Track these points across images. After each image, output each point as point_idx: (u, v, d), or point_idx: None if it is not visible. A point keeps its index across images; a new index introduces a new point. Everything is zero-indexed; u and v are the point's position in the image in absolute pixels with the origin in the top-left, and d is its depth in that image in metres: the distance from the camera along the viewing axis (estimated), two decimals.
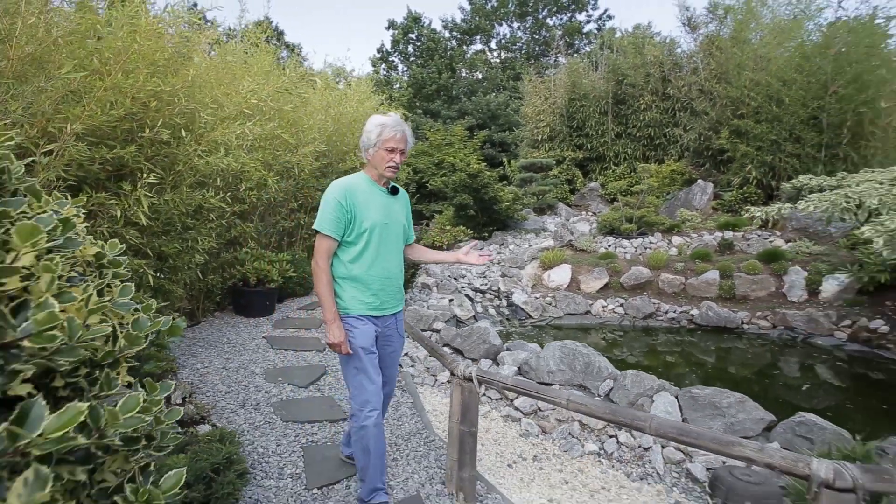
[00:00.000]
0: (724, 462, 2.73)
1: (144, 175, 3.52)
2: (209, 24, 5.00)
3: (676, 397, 3.35)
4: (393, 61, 23.45)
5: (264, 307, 5.65)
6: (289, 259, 6.10)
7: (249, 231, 5.70)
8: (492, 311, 6.85)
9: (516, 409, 3.61)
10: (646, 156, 12.67)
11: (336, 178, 7.59)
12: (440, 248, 8.83)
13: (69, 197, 1.30)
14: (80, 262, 0.91)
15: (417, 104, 18.37)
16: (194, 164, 4.15)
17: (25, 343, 0.62)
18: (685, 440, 1.88)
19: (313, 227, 2.22)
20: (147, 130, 3.66)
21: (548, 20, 26.78)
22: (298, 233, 7.25)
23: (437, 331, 5.13)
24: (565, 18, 26.79)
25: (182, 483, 0.79)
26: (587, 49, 23.67)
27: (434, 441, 3.06)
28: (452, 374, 2.50)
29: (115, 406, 0.73)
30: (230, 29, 9.49)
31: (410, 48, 22.83)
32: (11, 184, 0.92)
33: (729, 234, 8.14)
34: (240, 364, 4.15)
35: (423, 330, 5.15)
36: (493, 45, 27.45)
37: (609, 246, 8.63)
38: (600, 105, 13.07)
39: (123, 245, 1.01)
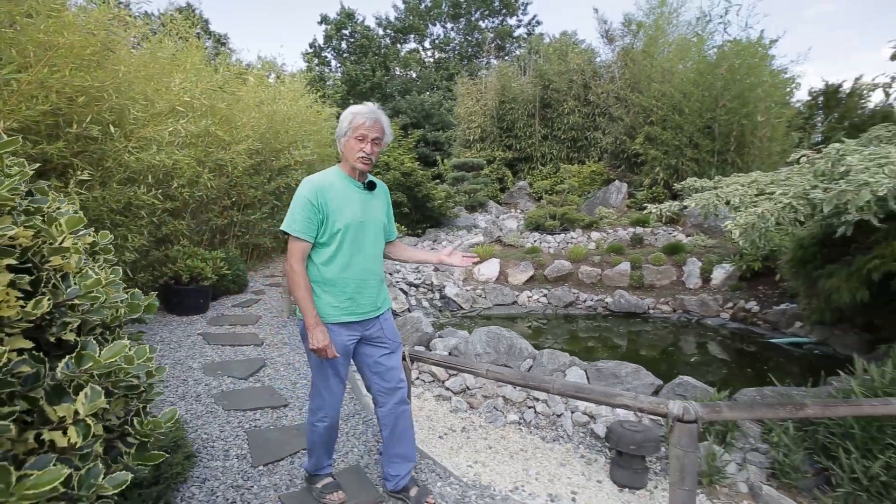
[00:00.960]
0: (619, 421, 3.23)
1: (77, 172, 3.49)
2: (137, 18, 4.91)
3: (585, 370, 3.85)
4: (326, 57, 23.15)
5: (198, 305, 5.62)
6: (222, 256, 6.07)
7: (181, 228, 5.64)
8: (425, 303, 7.19)
9: (447, 388, 3.95)
10: (569, 157, 13.57)
11: (269, 175, 7.58)
12: None
13: None
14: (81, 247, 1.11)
15: (351, 101, 18.33)
16: (124, 160, 4.12)
17: (75, 301, 0.84)
18: (581, 395, 2.31)
19: (281, 229, 2.10)
20: (74, 126, 3.63)
21: (480, 23, 27.55)
22: (231, 230, 7.19)
23: None
24: (497, 22, 27.69)
25: (175, 417, 1.02)
26: (518, 52, 24.70)
27: (371, 420, 3.33)
28: None
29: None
30: (146, 14, 9.11)
31: (344, 44, 22.65)
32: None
33: (640, 230, 9.03)
34: (176, 360, 4.18)
35: None
36: (426, 44, 27.83)
37: (535, 241, 9.26)
38: (528, 108, 13.81)
39: (112, 235, 1.20)
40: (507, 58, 24.18)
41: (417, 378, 4.10)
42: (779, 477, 2.61)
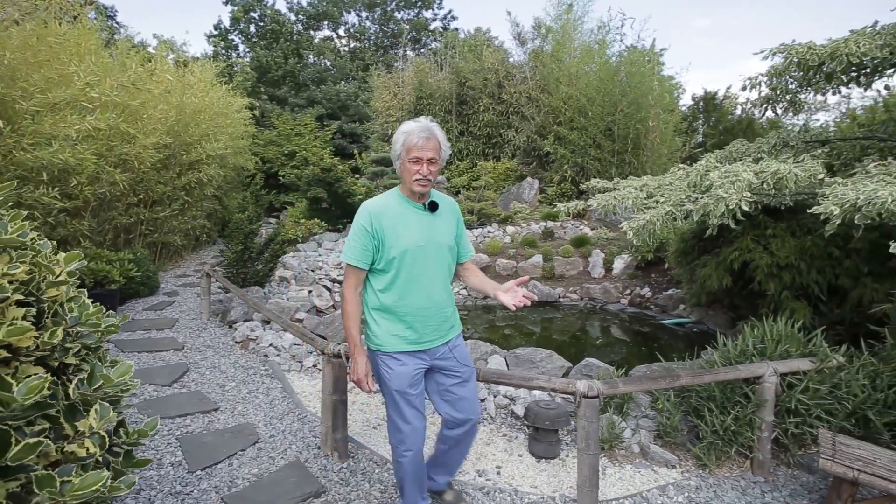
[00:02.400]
0: (535, 402, 3.63)
1: None
2: None
3: (504, 357, 4.23)
4: (233, 41, 21.80)
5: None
6: (130, 258, 5.71)
7: (82, 229, 5.22)
8: None
9: None
10: (485, 153, 14.11)
11: (179, 170, 7.19)
12: (294, 242, 8.90)
13: None
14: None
15: (262, 90, 17.50)
16: (17, 158, 3.79)
17: (77, 328, 0.92)
18: (503, 381, 2.64)
19: (340, 259, 2.05)
20: None
21: (396, 14, 27.41)
22: (138, 229, 6.74)
23: (300, 321, 5.40)
24: (413, 14, 27.71)
25: (156, 428, 1.13)
26: (434, 45, 24.94)
27: (306, 417, 3.44)
28: (323, 353, 2.94)
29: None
30: None
31: (253, 28, 21.47)
32: None
33: (550, 224, 9.73)
34: None
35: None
36: (341, 32, 27.17)
37: None
38: (445, 104, 14.13)
39: (82, 254, 1.23)
40: (423, 51, 24.35)
41: (348, 372, 4.24)
42: (663, 437, 3.15)
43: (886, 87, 4.60)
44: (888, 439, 2.99)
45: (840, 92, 4.56)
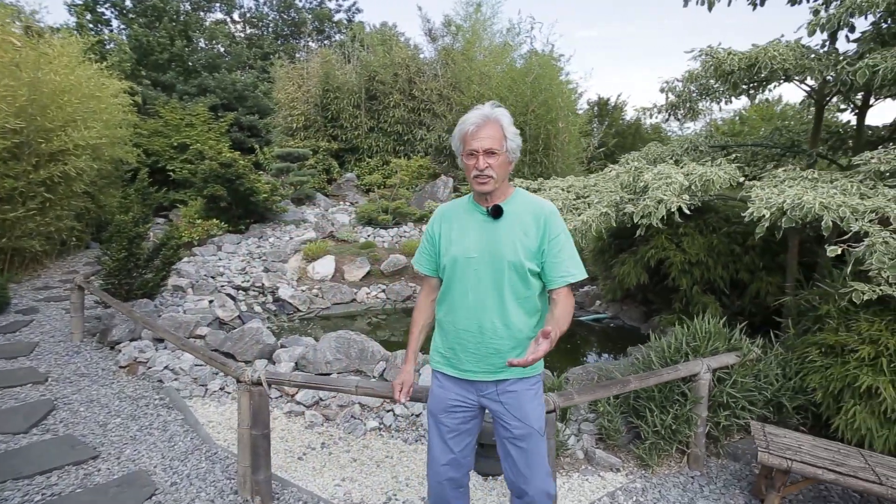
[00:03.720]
0: None
1: None
2: None
3: None
4: (103, 14, 19.05)
5: None
6: None
7: None
8: (257, 308, 6.60)
9: (298, 403, 3.70)
10: (396, 150, 13.80)
11: (37, 162, 6.02)
12: (190, 245, 7.92)
13: None
14: None
15: (144, 73, 15.48)
16: None
17: None
18: None
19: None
20: None
21: (297, 1, 25.97)
22: None
23: (202, 337, 4.72)
24: (315, 3, 26.45)
25: None
26: (338, 38, 23.99)
27: (217, 454, 2.93)
28: (239, 380, 2.48)
29: None
30: None
31: (129, 2, 18.95)
32: None
33: None
34: None
35: (186, 337, 4.66)
36: (236, 16, 25.15)
37: (369, 236, 9.23)
38: (354, 99, 13.58)
39: None
40: (326, 42, 23.33)
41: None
42: (605, 440, 3.12)
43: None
44: (796, 422, 3.24)
45: (731, 101, 4.97)
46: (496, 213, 1.68)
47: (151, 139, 11.27)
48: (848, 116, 5.16)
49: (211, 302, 5.91)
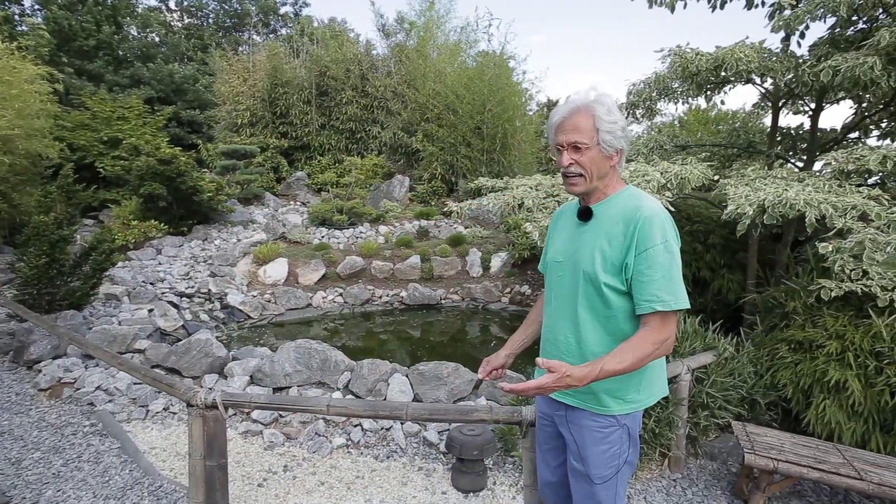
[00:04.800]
0: (451, 426, 3.26)
1: None
2: None
3: (407, 376, 3.78)
4: None
5: None
6: None
7: None
8: (204, 316, 6.09)
9: (255, 421, 3.37)
10: (349, 148, 13.36)
11: None
12: (125, 249, 7.24)
13: None
14: None
15: (66, 60, 14.14)
16: None
17: None
18: (436, 418, 2.19)
19: None
20: None
21: None
22: None
23: (142, 351, 4.23)
24: None
25: None
26: (284, 31, 23.07)
27: (162, 487, 2.57)
28: (190, 404, 2.16)
29: None
30: None
31: None
32: None
33: (424, 223, 9.49)
34: None
35: (122, 352, 4.16)
36: (172, 5, 23.63)
37: (323, 237, 8.82)
38: (304, 94, 13.02)
39: None
40: (272, 36, 22.38)
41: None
42: None
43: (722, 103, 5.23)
44: (768, 419, 3.28)
45: (688, 102, 5.07)
46: (584, 215, 1.50)
47: (77, 133, 10.28)
48: (801, 119, 5.39)
49: (151, 311, 5.38)
